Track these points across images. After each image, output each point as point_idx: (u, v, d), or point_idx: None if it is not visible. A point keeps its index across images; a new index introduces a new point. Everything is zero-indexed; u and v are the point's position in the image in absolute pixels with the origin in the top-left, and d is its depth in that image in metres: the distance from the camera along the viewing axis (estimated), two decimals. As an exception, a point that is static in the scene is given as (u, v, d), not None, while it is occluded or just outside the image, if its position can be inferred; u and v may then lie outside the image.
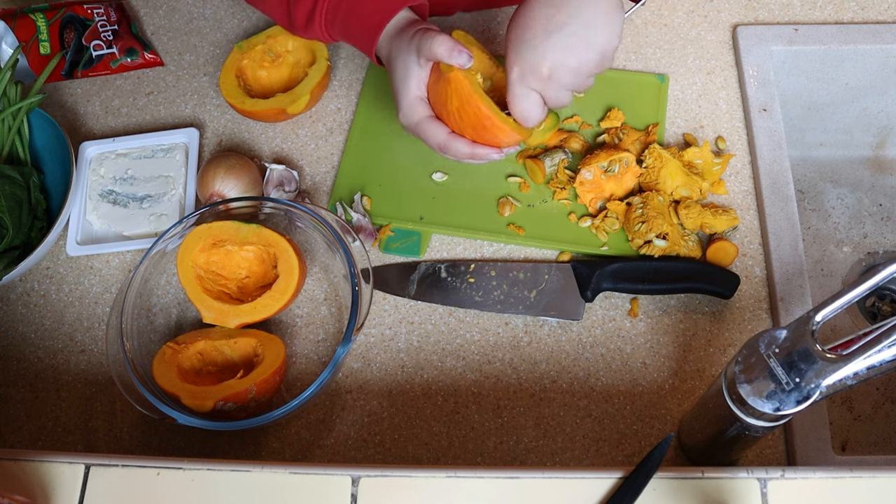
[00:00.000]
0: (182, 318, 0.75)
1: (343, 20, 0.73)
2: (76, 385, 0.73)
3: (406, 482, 0.56)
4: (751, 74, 0.82)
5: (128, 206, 0.80)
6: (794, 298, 0.70)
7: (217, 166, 0.76)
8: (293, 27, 0.77)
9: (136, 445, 0.70)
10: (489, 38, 0.88)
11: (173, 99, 0.88)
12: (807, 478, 0.54)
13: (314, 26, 0.75)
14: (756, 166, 0.77)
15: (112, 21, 0.91)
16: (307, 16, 0.74)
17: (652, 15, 0.88)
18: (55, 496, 0.57)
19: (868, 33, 0.84)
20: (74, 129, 0.88)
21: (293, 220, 0.73)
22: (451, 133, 0.68)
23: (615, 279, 0.70)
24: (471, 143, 0.68)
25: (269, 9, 0.78)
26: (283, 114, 0.81)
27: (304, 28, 0.76)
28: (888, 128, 0.94)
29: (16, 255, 0.75)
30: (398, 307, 0.74)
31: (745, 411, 0.50)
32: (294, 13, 0.75)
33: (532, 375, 0.69)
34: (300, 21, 0.75)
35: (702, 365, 0.69)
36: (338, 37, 0.76)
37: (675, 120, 0.81)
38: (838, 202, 0.94)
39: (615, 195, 0.76)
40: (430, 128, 0.68)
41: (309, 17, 0.74)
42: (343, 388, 0.70)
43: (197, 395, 0.64)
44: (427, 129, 0.68)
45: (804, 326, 0.49)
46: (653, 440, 0.66)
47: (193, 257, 0.70)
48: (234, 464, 0.57)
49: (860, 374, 0.49)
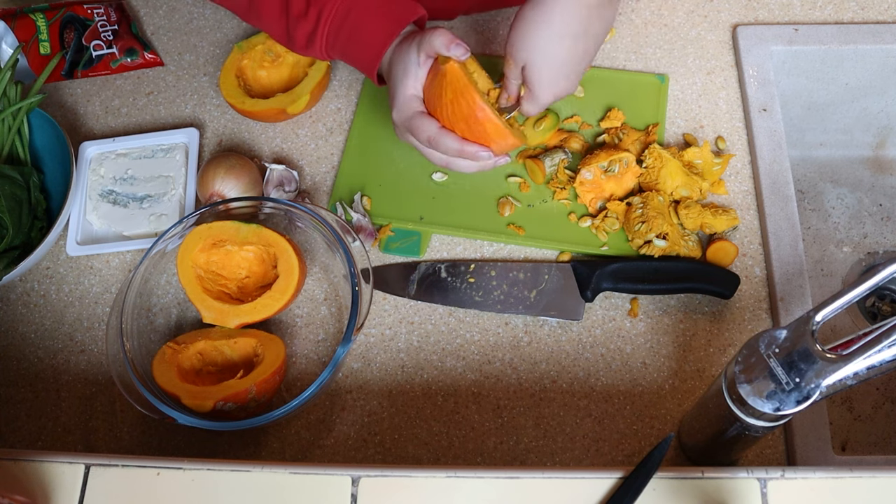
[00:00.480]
0: (182, 318, 0.75)
1: (345, 43, 0.73)
2: (76, 385, 0.73)
3: (406, 482, 0.56)
4: (751, 74, 0.82)
5: (128, 206, 0.80)
6: (794, 298, 0.70)
7: (217, 166, 0.76)
8: (293, 46, 0.76)
9: (136, 445, 0.70)
10: (489, 39, 0.88)
11: (173, 99, 0.88)
12: (807, 478, 0.54)
13: (314, 47, 0.75)
14: (756, 166, 0.77)
15: (112, 21, 0.91)
16: (307, 37, 0.74)
17: (652, 15, 0.88)
18: (55, 496, 0.57)
19: (868, 33, 0.84)
20: (74, 129, 0.88)
21: (293, 220, 0.73)
22: (441, 127, 0.68)
23: (615, 279, 0.70)
24: (460, 139, 0.67)
25: (267, 27, 0.77)
26: (283, 114, 0.81)
27: (304, 48, 0.75)
28: (888, 128, 0.94)
29: (16, 255, 0.75)
30: (398, 307, 0.74)
31: (745, 411, 0.50)
32: (294, 34, 0.74)
33: (532, 375, 0.69)
34: (300, 41, 0.75)
35: (702, 365, 0.69)
36: (338, 57, 0.75)
37: (675, 120, 0.81)
38: (838, 202, 0.94)
39: (615, 195, 0.76)
40: (422, 122, 0.68)
41: (309, 39, 0.74)
42: (343, 388, 0.70)
43: (197, 395, 0.64)
44: (418, 123, 0.68)
45: (804, 326, 0.49)
46: (653, 440, 0.66)
47: (193, 257, 0.70)
48: (234, 464, 0.57)
49: (860, 374, 0.49)
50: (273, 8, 0.74)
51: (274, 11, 0.75)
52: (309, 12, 0.73)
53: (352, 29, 0.72)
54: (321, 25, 0.72)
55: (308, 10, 0.73)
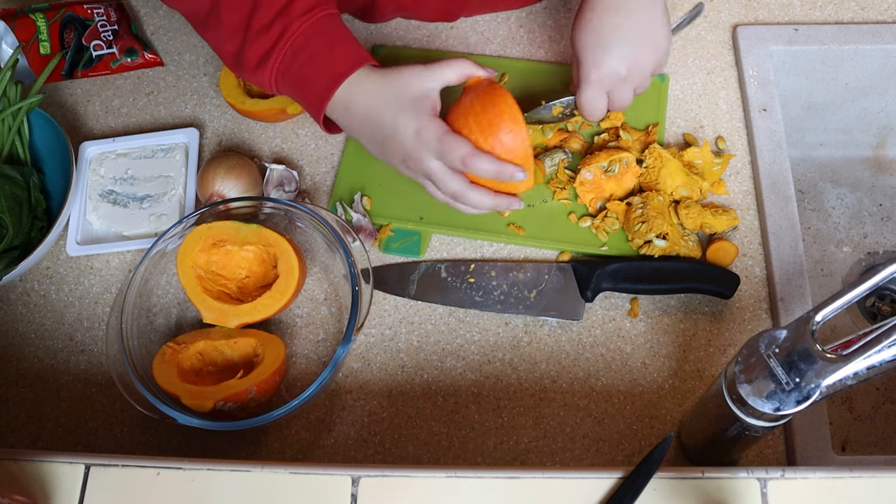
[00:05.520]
0: (182, 318, 0.75)
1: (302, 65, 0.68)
2: (76, 385, 0.73)
3: (406, 482, 0.56)
4: (751, 74, 0.82)
5: (128, 206, 0.80)
6: (794, 298, 0.70)
7: (217, 166, 0.76)
8: (240, 65, 0.70)
9: (135, 445, 0.70)
10: (488, 39, 0.88)
11: (173, 99, 0.88)
12: (807, 478, 0.54)
13: (265, 69, 0.68)
14: (756, 166, 0.77)
15: (112, 21, 0.91)
16: (260, 56, 0.68)
17: (652, 15, 0.88)
18: (55, 496, 0.57)
19: (868, 33, 0.84)
20: (74, 129, 0.88)
21: (293, 220, 0.73)
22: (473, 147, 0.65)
23: (615, 279, 0.70)
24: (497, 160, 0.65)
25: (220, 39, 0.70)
26: (283, 114, 0.82)
27: (252, 70, 0.69)
28: (888, 128, 0.94)
29: (16, 255, 0.75)
30: (398, 307, 0.74)
31: (745, 411, 0.50)
32: (246, 52, 0.68)
33: (532, 375, 0.69)
34: (251, 61, 0.68)
35: (702, 365, 0.69)
36: (288, 84, 0.69)
37: (675, 120, 0.81)
38: (838, 202, 0.94)
39: (615, 195, 0.76)
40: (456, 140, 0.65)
41: (262, 58, 0.68)
42: (343, 388, 0.70)
43: (197, 395, 0.64)
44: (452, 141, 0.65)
45: (804, 326, 0.49)
46: (653, 440, 0.66)
47: (193, 257, 0.70)
48: (234, 464, 0.57)
49: (860, 374, 0.49)
50: (235, 15, 0.68)
51: (234, 19, 0.68)
52: (273, 27, 0.67)
53: (314, 52, 0.67)
54: (282, 43, 0.67)
55: (272, 25, 0.67)
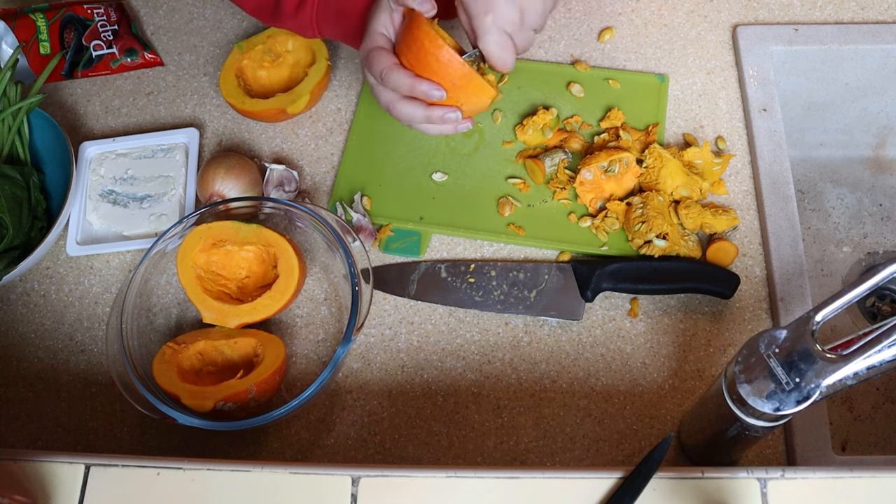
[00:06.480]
0: (182, 318, 0.75)
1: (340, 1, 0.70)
2: (76, 385, 0.73)
3: (406, 482, 0.56)
4: (751, 74, 0.82)
5: (128, 206, 0.80)
6: (794, 298, 0.70)
7: (217, 166, 0.76)
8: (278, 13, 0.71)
9: (135, 445, 0.70)
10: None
11: (173, 99, 0.88)
12: (807, 478, 0.54)
13: (304, 12, 0.71)
14: (756, 166, 0.77)
15: (112, 21, 0.91)
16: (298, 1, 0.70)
17: (652, 15, 0.88)
18: (55, 496, 0.57)
19: (868, 33, 0.84)
20: (74, 129, 0.88)
21: (293, 220, 0.73)
22: (397, 63, 0.66)
23: (615, 279, 0.70)
24: (412, 75, 0.66)
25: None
26: (283, 114, 0.82)
27: (292, 14, 0.71)
28: (888, 128, 0.94)
29: (16, 255, 0.75)
30: (398, 307, 0.74)
31: (745, 411, 0.50)
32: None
33: (532, 375, 0.69)
34: (289, 6, 0.71)
35: (702, 365, 0.69)
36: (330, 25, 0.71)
37: (675, 120, 0.81)
38: (838, 202, 0.94)
39: (615, 195, 0.76)
40: (379, 55, 0.67)
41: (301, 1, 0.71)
42: (343, 388, 0.70)
43: (197, 395, 0.64)
44: (375, 55, 0.67)
45: (804, 326, 0.49)
46: (653, 440, 0.66)
47: (193, 257, 0.70)
48: (234, 464, 0.57)
49: (860, 374, 0.49)
50: None
51: None
52: None
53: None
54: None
55: None
